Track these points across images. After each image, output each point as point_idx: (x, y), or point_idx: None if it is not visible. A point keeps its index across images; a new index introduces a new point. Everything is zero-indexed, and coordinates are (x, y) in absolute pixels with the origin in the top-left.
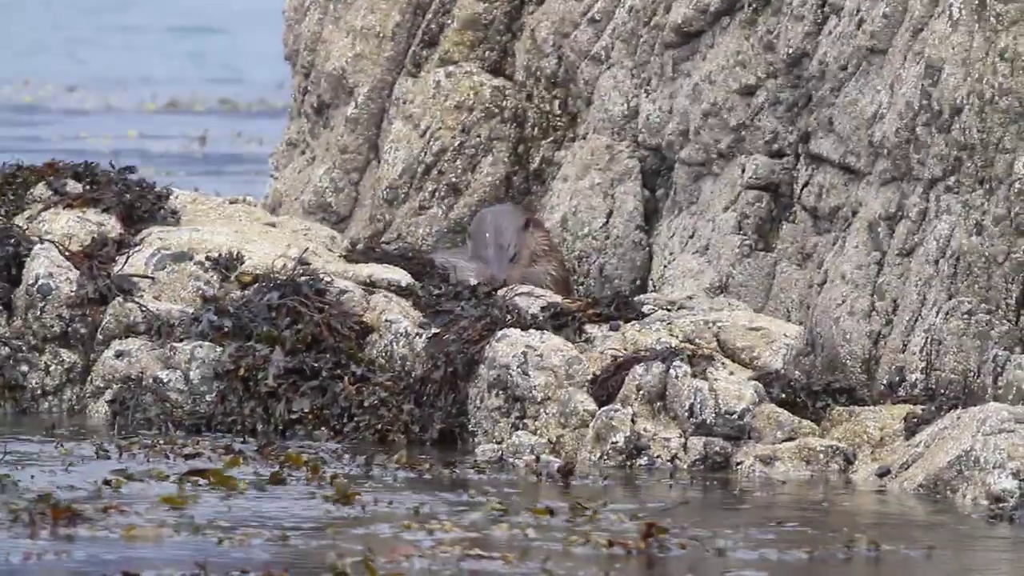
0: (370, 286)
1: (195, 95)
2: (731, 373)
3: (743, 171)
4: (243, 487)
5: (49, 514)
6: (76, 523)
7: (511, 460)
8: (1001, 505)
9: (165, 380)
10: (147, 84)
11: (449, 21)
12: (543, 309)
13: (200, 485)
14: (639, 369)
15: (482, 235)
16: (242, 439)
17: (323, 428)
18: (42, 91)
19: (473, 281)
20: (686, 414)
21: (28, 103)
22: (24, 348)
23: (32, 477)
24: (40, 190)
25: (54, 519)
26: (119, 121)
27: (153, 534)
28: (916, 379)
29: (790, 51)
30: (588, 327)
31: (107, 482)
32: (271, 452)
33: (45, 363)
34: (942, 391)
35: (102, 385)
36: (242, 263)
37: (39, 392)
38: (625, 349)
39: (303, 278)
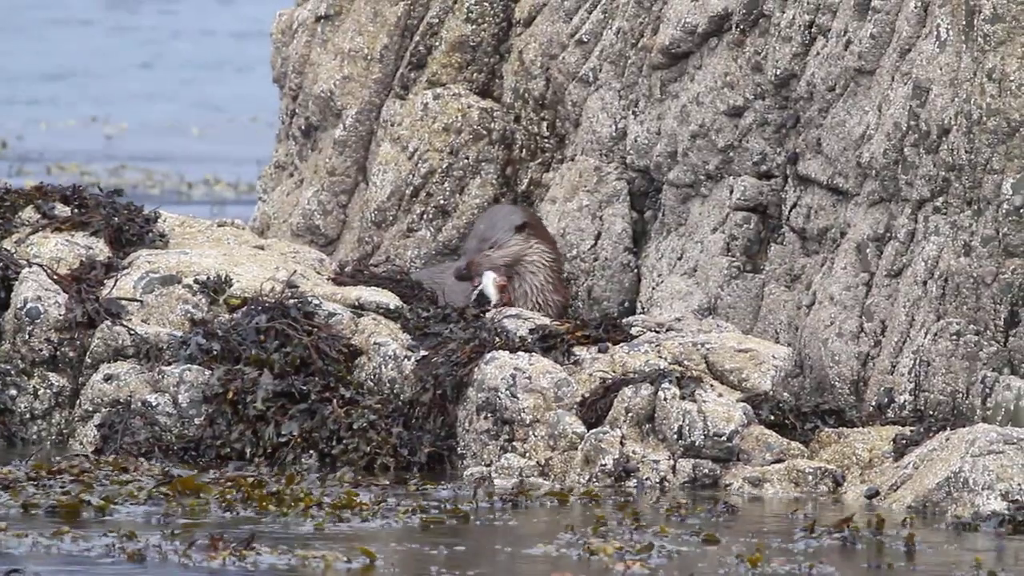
0: (359, 309)
1: None
2: (720, 395)
3: (731, 192)
4: None
5: None
6: None
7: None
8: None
9: (154, 403)
10: None
11: (437, 43)
12: (531, 331)
13: None
14: (628, 391)
15: (473, 227)
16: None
17: (312, 451)
18: None
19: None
20: (675, 436)
21: None
22: (12, 372)
23: None
24: (28, 213)
25: None
26: None
27: None
28: (905, 400)
29: (778, 72)
30: (576, 349)
31: None
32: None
33: (34, 387)
34: (931, 412)
35: (91, 409)
36: (230, 286)
37: (28, 416)
38: (614, 371)
39: (291, 301)
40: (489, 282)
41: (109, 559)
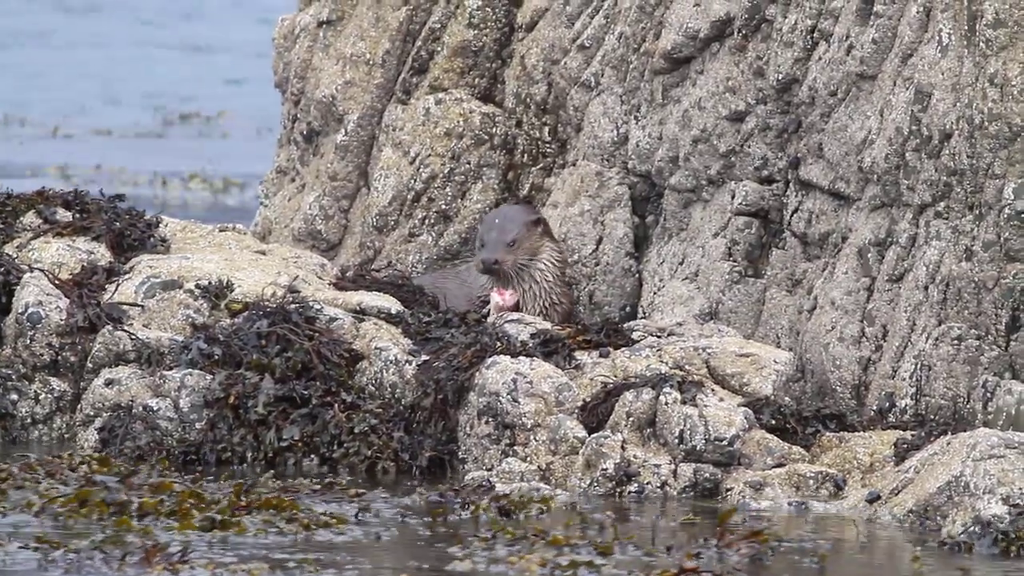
0: (360, 313)
1: None
2: (721, 399)
3: (733, 197)
4: None
5: None
6: None
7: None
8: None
9: (155, 408)
10: None
11: (439, 48)
12: (533, 336)
13: None
14: (629, 396)
15: (483, 225)
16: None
17: (313, 456)
18: None
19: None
20: (676, 440)
21: None
22: (14, 377)
23: None
24: (30, 218)
25: None
26: None
27: None
28: (906, 405)
29: (780, 77)
30: (578, 354)
31: None
32: None
33: (35, 392)
34: (932, 417)
35: (92, 413)
36: (232, 291)
37: (29, 421)
38: (615, 376)
39: (293, 306)
40: (499, 302)
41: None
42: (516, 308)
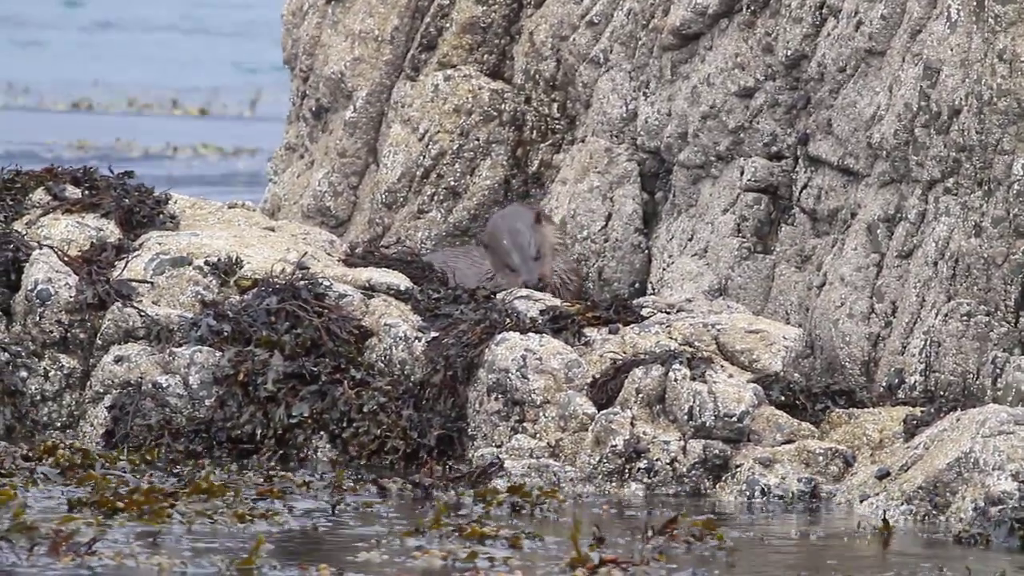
0: (369, 290)
1: None
2: (730, 376)
3: (742, 173)
4: None
5: None
6: None
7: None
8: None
9: (164, 385)
10: None
11: (447, 24)
12: (542, 312)
13: None
14: (638, 372)
15: (500, 244)
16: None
17: (322, 433)
18: None
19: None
20: (685, 417)
21: None
22: (23, 354)
23: None
24: (39, 195)
25: None
26: None
27: None
28: (915, 381)
29: (788, 53)
30: (587, 330)
31: None
32: None
33: (44, 368)
34: (941, 393)
35: (101, 390)
36: (241, 267)
37: (38, 398)
38: (624, 352)
39: (302, 282)
40: None
41: None
42: None
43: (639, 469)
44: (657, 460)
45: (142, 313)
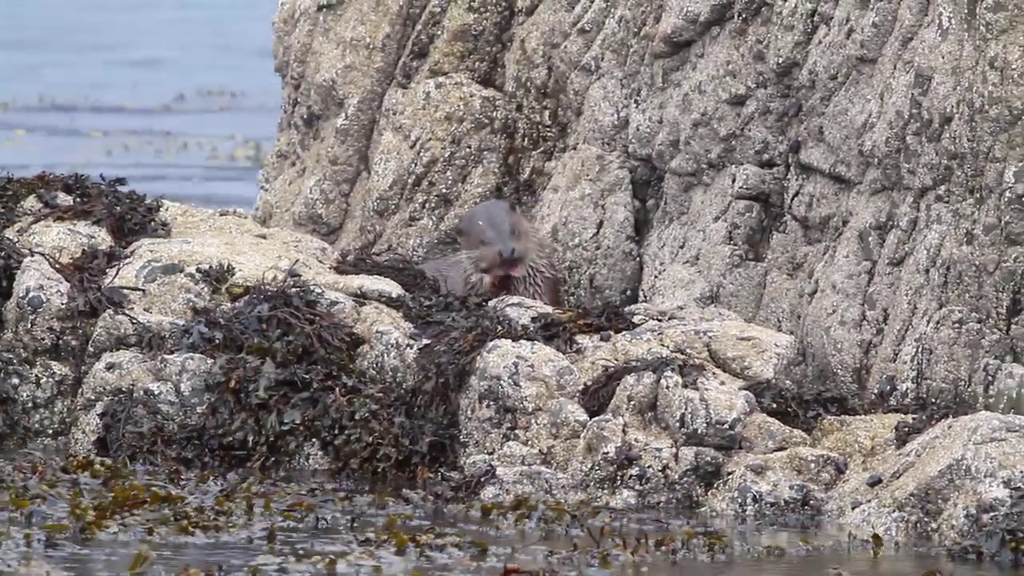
0: (361, 297)
1: None
2: (722, 383)
3: (733, 181)
4: None
5: None
6: None
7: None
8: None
9: (156, 392)
10: None
11: (439, 32)
12: (534, 320)
13: None
14: (630, 379)
15: (476, 225)
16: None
17: (314, 440)
18: None
19: (476, 276)
20: (677, 424)
21: None
22: (15, 361)
23: None
24: (31, 202)
25: None
26: None
27: None
28: (907, 388)
29: (780, 60)
30: (579, 337)
31: None
32: None
33: (36, 376)
34: (933, 400)
35: (93, 397)
36: (232, 275)
37: (30, 405)
38: (616, 359)
39: (294, 290)
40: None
41: None
42: (506, 285)
43: (631, 476)
44: (649, 467)
45: (134, 320)
